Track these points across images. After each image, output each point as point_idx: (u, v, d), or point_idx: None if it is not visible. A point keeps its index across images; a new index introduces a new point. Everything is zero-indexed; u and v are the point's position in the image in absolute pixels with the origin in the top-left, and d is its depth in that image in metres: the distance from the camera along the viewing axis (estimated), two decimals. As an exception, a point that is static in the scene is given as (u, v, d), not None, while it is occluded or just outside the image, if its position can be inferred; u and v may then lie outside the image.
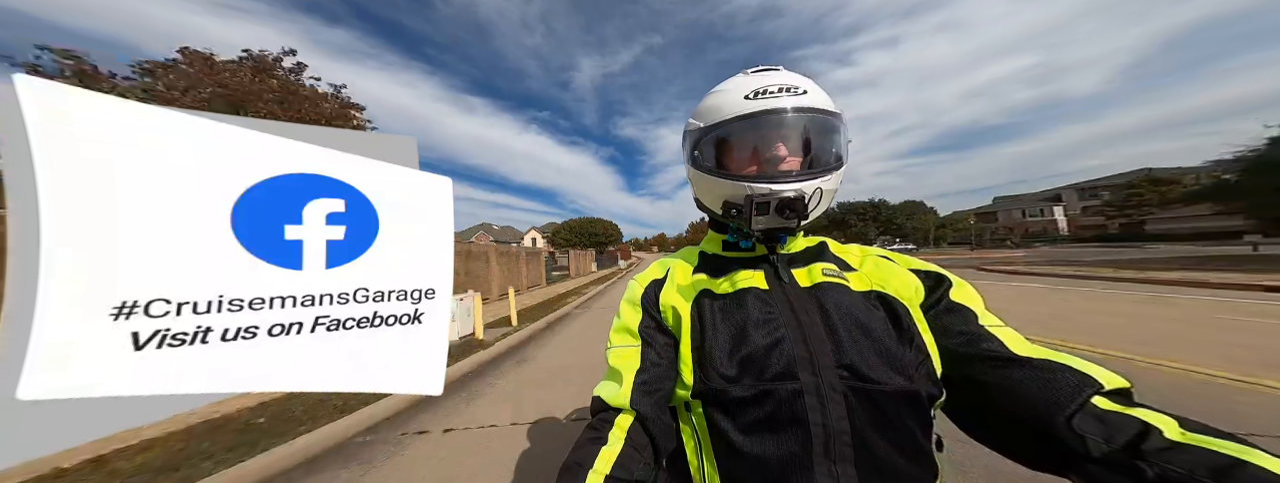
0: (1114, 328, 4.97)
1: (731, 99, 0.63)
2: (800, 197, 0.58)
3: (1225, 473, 0.37)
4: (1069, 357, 0.51)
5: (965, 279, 0.63)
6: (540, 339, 6.13)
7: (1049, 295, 8.01)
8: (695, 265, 0.75)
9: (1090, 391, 0.46)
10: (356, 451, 2.61)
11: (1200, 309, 5.98)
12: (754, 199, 0.59)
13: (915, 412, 0.53)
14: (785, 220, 0.60)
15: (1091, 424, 0.44)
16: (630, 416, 0.59)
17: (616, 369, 0.64)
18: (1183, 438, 0.41)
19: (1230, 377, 3.15)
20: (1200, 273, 10.02)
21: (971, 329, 0.56)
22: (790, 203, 0.58)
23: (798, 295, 0.62)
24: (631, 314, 0.70)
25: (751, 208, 0.59)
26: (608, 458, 0.53)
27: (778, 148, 0.62)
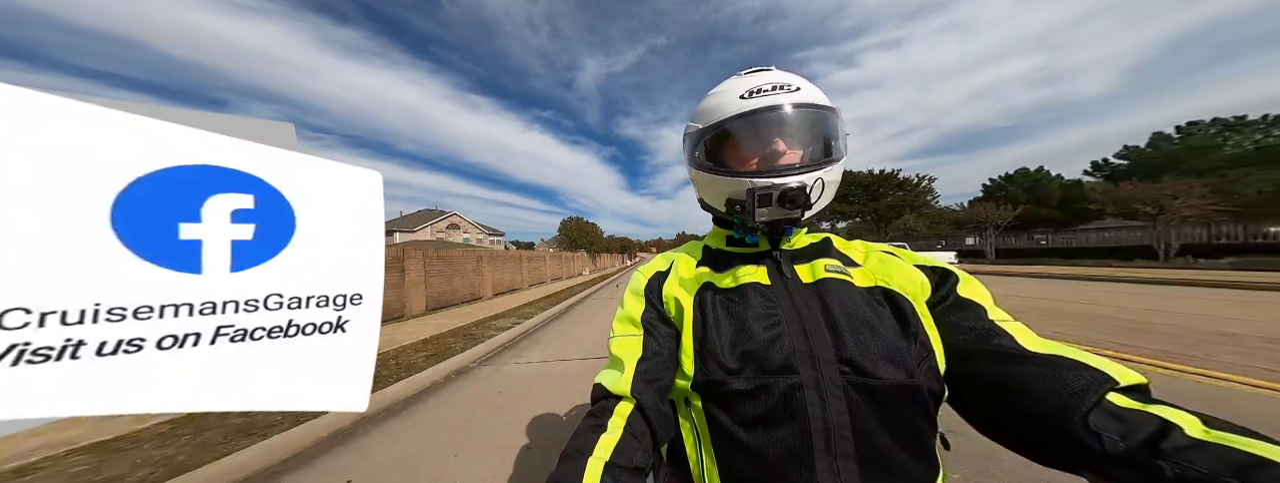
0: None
1: (728, 99, 0.64)
2: (802, 187, 0.59)
3: (1250, 473, 0.35)
4: (1082, 352, 0.50)
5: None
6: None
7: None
8: (699, 259, 0.76)
9: (1106, 387, 0.45)
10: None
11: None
12: (756, 192, 0.60)
13: (918, 408, 0.53)
14: (789, 211, 0.60)
15: (1108, 422, 0.43)
16: (631, 403, 0.60)
17: (618, 357, 0.64)
18: (1206, 436, 0.39)
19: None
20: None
21: (981, 325, 0.55)
22: (792, 194, 0.58)
23: (799, 291, 0.63)
24: (635, 304, 0.71)
25: (754, 201, 0.60)
26: (608, 445, 0.53)
27: (776, 143, 0.63)
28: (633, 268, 20.60)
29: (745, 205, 0.61)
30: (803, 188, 0.59)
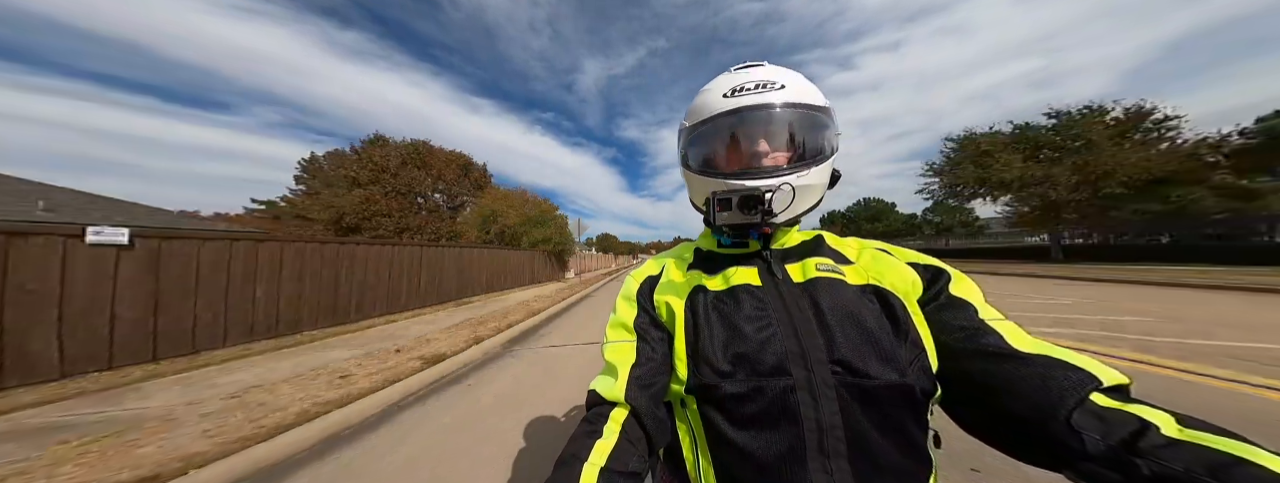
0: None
1: (712, 98, 0.63)
2: (762, 193, 0.58)
3: (1224, 471, 0.36)
4: (1069, 352, 0.50)
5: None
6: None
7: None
8: (690, 262, 0.74)
9: (1090, 387, 0.46)
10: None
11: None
12: (717, 195, 0.59)
13: (910, 407, 0.53)
14: (747, 216, 0.59)
15: (1089, 421, 0.44)
16: (625, 409, 0.59)
17: (612, 364, 0.63)
18: (1180, 435, 0.40)
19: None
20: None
21: (972, 324, 0.55)
22: (753, 199, 0.58)
23: (790, 291, 0.61)
24: (627, 310, 0.70)
25: (714, 203, 0.59)
26: (603, 451, 0.53)
27: (758, 144, 0.61)
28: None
29: (711, 207, 0.61)
30: (762, 194, 0.58)
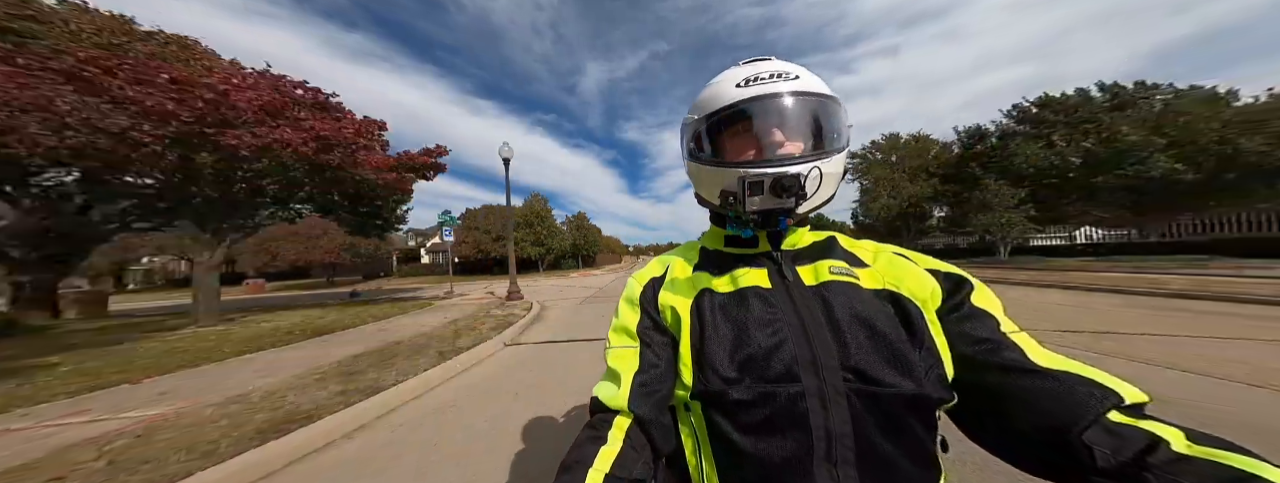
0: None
1: (725, 89, 0.62)
2: (797, 176, 0.56)
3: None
4: (1091, 369, 0.49)
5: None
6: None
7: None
8: (696, 263, 0.72)
9: (1109, 404, 0.45)
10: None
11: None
12: (747, 180, 0.56)
13: (921, 416, 0.52)
14: (781, 200, 0.56)
15: (1101, 437, 0.43)
16: (628, 417, 0.57)
17: (615, 370, 0.62)
18: (1190, 450, 0.40)
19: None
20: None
21: (993, 337, 0.54)
22: (787, 181, 0.55)
23: (801, 294, 0.59)
24: (629, 314, 0.68)
25: (744, 189, 0.56)
26: (608, 457, 0.52)
27: (773, 133, 0.60)
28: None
29: (737, 195, 0.58)
30: (797, 176, 0.56)
